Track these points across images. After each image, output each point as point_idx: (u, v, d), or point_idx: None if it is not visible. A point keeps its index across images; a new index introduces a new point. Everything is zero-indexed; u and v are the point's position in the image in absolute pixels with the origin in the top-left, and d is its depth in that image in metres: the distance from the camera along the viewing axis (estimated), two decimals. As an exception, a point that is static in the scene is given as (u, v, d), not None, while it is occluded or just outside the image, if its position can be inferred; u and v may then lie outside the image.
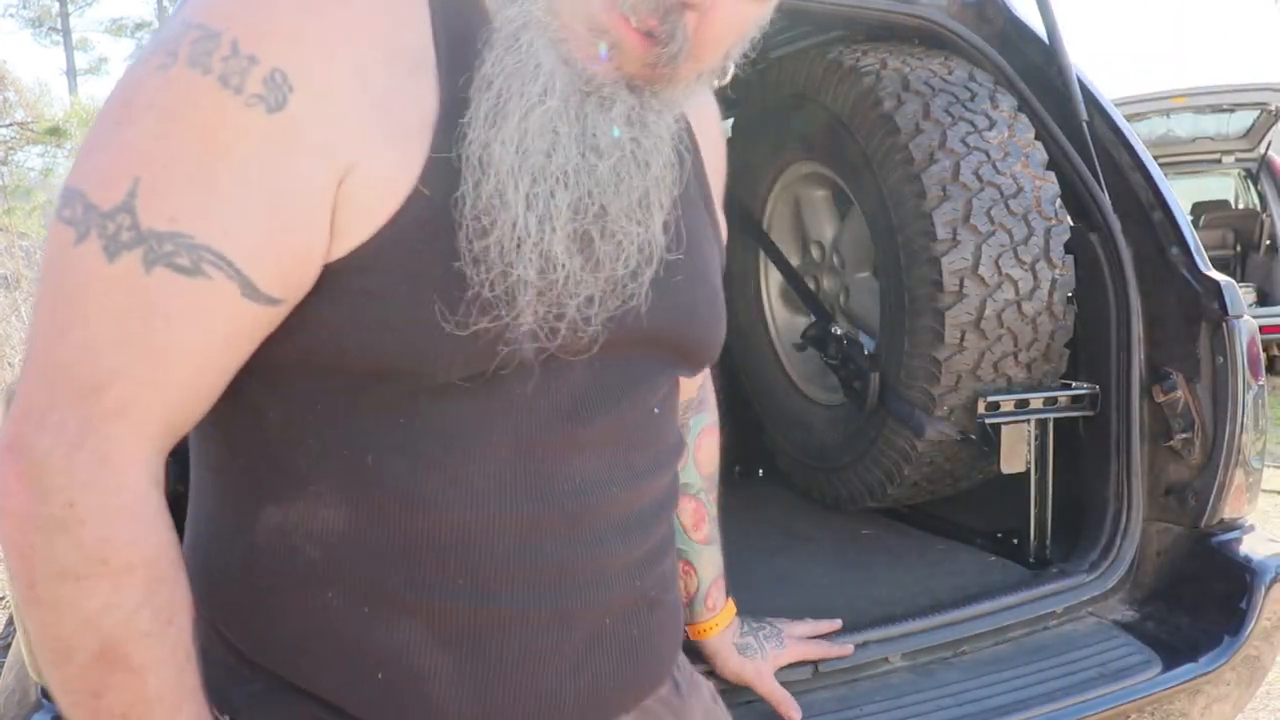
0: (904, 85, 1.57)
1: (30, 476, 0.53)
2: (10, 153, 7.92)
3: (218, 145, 0.53)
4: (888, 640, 1.28)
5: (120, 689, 0.54)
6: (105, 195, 0.53)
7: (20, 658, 1.01)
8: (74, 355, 0.53)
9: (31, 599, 0.53)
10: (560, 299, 0.58)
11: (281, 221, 0.54)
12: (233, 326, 0.55)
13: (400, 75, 0.57)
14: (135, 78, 0.55)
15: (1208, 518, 1.46)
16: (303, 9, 0.55)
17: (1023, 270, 1.50)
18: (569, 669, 0.63)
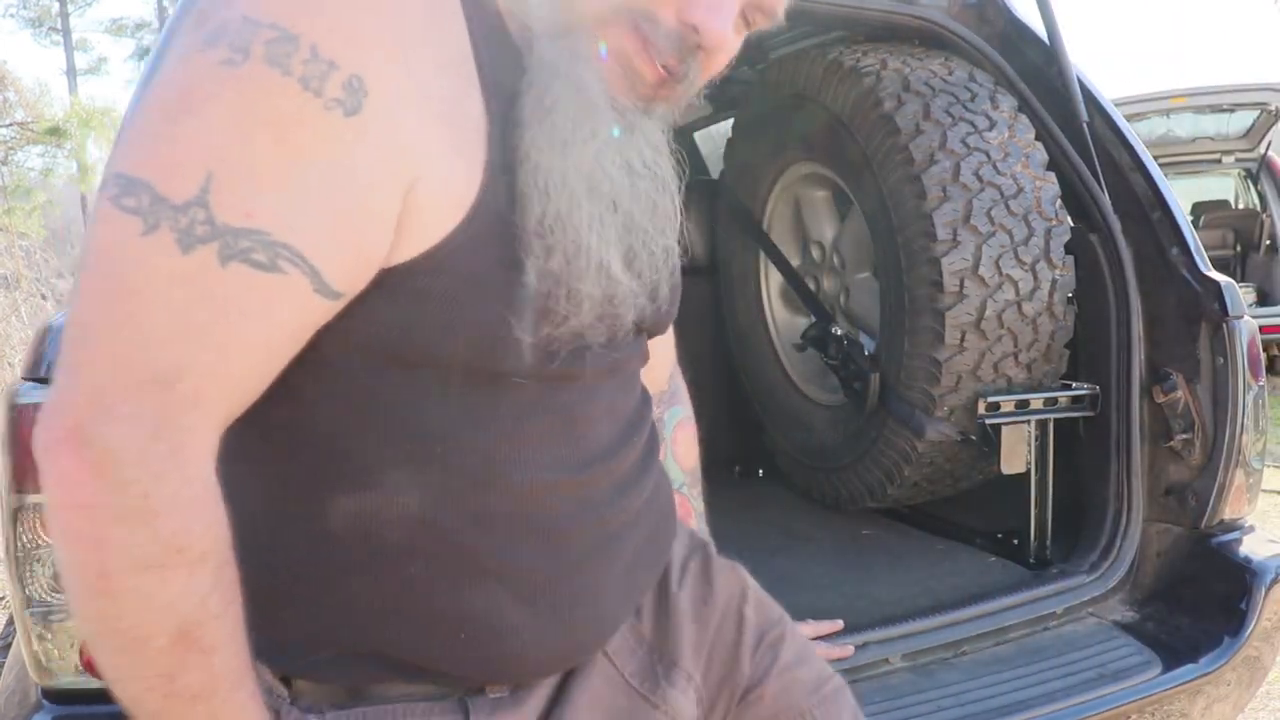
0: (904, 86, 1.57)
1: (102, 467, 0.52)
2: (10, 153, 7.91)
3: (295, 145, 0.54)
4: (888, 641, 1.28)
5: (193, 670, 0.56)
6: (176, 188, 0.53)
7: (20, 658, 1.01)
8: (146, 347, 0.53)
9: (102, 589, 0.54)
10: (618, 309, 0.65)
11: (352, 220, 0.56)
12: (300, 320, 0.57)
13: (455, 84, 0.60)
14: (192, 69, 0.55)
15: (1208, 518, 1.46)
16: (375, 15, 0.56)
17: (1023, 271, 1.50)
18: (619, 596, 0.72)
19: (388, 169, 0.56)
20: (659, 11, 0.63)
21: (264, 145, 0.54)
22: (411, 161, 0.57)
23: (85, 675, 0.97)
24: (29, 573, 0.95)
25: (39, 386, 0.94)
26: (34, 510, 0.94)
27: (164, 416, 0.54)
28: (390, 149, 0.56)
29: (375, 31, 0.56)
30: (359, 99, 0.55)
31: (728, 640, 0.82)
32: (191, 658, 0.56)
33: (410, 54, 0.58)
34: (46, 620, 0.96)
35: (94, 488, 0.53)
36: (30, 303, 6.63)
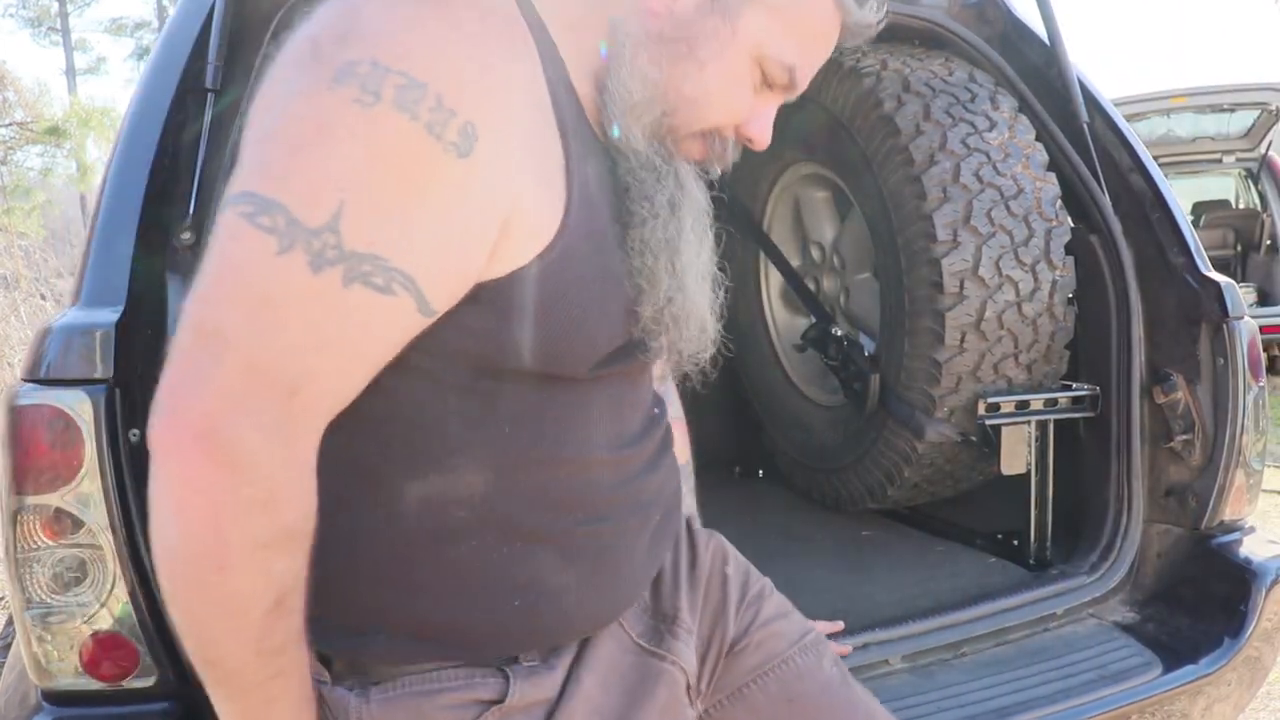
0: (904, 86, 1.56)
1: (234, 465, 0.60)
2: (10, 153, 7.91)
3: (416, 181, 0.62)
4: (888, 642, 1.28)
5: (283, 629, 0.65)
6: (311, 214, 0.60)
7: (20, 660, 1.01)
8: (277, 356, 0.60)
9: (220, 567, 0.61)
10: (685, 336, 0.78)
11: (457, 249, 0.65)
12: (402, 336, 0.65)
13: (541, 127, 0.69)
14: (322, 104, 0.61)
15: (1208, 519, 1.46)
16: (487, 69, 0.65)
17: (1023, 272, 1.50)
18: (646, 561, 0.83)
19: (490, 203, 0.65)
20: (725, 130, 0.79)
21: (390, 180, 0.62)
22: (510, 196, 0.65)
23: (85, 677, 0.97)
24: (29, 574, 0.95)
25: (39, 388, 0.94)
26: (33, 512, 0.94)
27: (289, 419, 0.61)
28: (493, 186, 0.65)
29: (487, 84, 0.65)
30: (471, 143, 0.63)
31: (714, 599, 0.91)
32: (281, 621, 0.65)
33: (512, 103, 0.66)
34: (46, 622, 0.96)
35: (224, 482, 0.60)
36: (30, 302, 6.63)
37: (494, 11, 0.68)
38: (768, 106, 0.80)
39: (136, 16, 24.97)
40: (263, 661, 0.66)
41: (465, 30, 0.66)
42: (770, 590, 0.98)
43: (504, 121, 0.65)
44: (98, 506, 0.94)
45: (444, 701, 0.73)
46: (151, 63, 1.24)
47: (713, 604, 0.92)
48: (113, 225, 1.05)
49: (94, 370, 0.94)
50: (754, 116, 0.80)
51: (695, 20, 0.76)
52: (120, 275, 1.01)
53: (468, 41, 0.66)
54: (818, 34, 0.81)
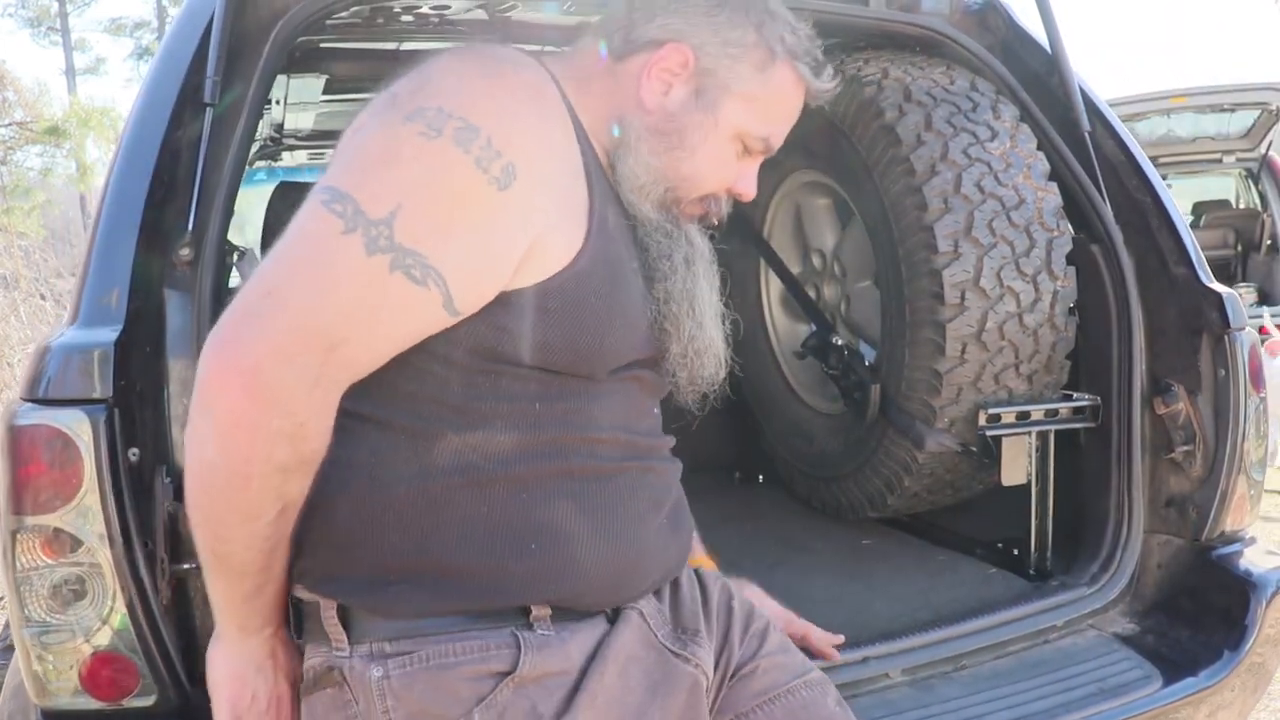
0: (906, 95, 1.56)
1: (271, 401, 0.75)
2: (9, 152, 7.91)
3: (461, 201, 0.79)
4: (888, 656, 1.28)
5: (280, 532, 0.81)
6: (374, 208, 0.76)
7: (20, 679, 1.01)
8: (326, 317, 0.76)
9: (243, 485, 0.77)
10: (705, 366, 0.95)
11: (486, 261, 0.81)
12: (425, 326, 0.80)
13: (570, 177, 0.87)
14: (396, 135, 0.80)
15: (1209, 530, 1.46)
16: (529, 126, 0.84)
17: (1024, 282, 1.49)
18: (658, 544, 0.93)
19: (520, 230, 0.81)
20: (719, 193, 0.98)
21: (441, 196, 0.79)
22: (537, 226, 0.82)
23: (85, 696, 0.97)
24: (28, 593, 0.95)
25: (38, 408, 0.94)
26: (32, 532, 0.93)
27: (323, 372, 0.76)
28: (524, 216, 0.81)
29: (530, 138, 0.83)
30: (510, 179, 0.80)
31: (721, 625, 0.99)
32: (282, 526, 0.81)
33: (548, 155, 0.85)
34: (45, 641, 0.96)
35: (261, 416, 0.75)
36: (29, 302, 6.62)
37: (539, 86, 0.88)
38: (751, 167, 0.99)
39: (136, 16, 24.91)
40: (261, 557, 0.82)
41: (517, 95, 0.85)
42: (773, 629, 1.03)
43: (540, 167, 0.83)
44: (97, 526, 0.94)
45: (461, 674, 0.79)
46: (151, 75, 1.24)
47: (720, 629, 0.99)
48: (111, 242, 1.05)
49: (93, 390, 0.94)
50: (740, 177, 0.98)
51: (682, 114, 0.93)
52: (119, 293, 1.01)
53: (517, 104, 0.85)
54: (787, 107, 0.98)
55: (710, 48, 0.93)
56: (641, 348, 0.91)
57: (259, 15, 1.28)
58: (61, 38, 21.41)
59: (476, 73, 0.85)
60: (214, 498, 0.79)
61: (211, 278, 1.08)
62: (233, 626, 0.87)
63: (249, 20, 1.27)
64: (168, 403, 1.03)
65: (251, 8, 1.27)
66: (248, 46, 1.23)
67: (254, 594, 0.84)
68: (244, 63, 1.21)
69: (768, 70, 0.94)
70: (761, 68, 0.94)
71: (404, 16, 1.60)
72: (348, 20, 1.57)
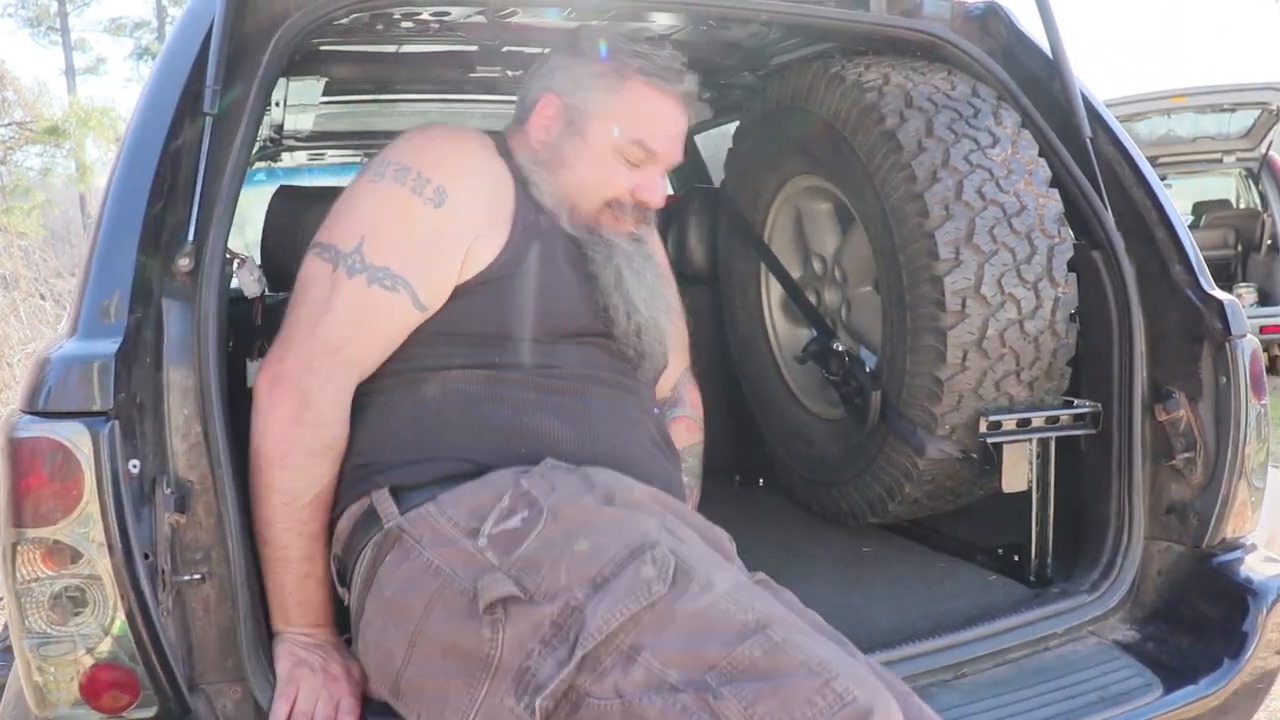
0: (907, 101, 1.55)
1: (299, 398, 1.05)
2: (9, 152, 7.90)
3: (407, 221, 1.11)
4: (888, 664, 1.27)
5: (318, 522, 1.07)
6: (346, 244, 1.10)
7: (20, 690, 1.01)
8: (329, 329, 1.07)
9: (282, 465, 1.04)
10: (649, 341, 1.24)
11: (438, 264, 1.12)
12: (403, 322, 1.11)
13: (497, 192, 1.18)
14: (353, 187, 1.17)
15: (1209, 537, 1.46)
16: (452, 159, 1.17)
17: (1025, 289, 1.49)
18: (647, 453, 1.17)
19: (459, 236, 1.12)
20: (623, 198, 1.24)
21: (392, 220, 1.11)
22: (471, 231, 1.13)
23: (85, 708, 0.97)
24: (28, 605, 0.95)
25: (38, 420, 0.93)
26: (32, 544, 0.93)
27: (335, 371, 1.07)
28: (460, 225, 1.13)
29: (453, 165, 1.16)
30: (443, 198, 1.12)
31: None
32: (318, 512, 1.07)
33: (471, 177, 1.16)
34: (45, 652, 0.96)
35: (294, 411, 1.05)
36: (29, 302, 6.61)
37: (470, 134, 1.23)
38: (649, 176, 1.24)
39: (136, 16, 24.84)
40: (303, 543, 1.04)
41: (445, 138, 1.20)
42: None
43: (466, 187, 1.14)
44: (97, 538, 0.94)
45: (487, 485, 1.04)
46: (151, 80, 1.23)
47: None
48: (111, 252, 1.05)
49: (93, 402, 0.94)
50: (639, 185, 1.23)
51: (559, 143, 1.22)
52: (119, 304, 1.00)
53: (445, 144, 1.19)
54: (652, 113, 1.21)
55: (569, 88, 1.23)
56: (586, 322, 1.17)
57: (258, 21, 1.27)
58: (61, 37, 21.37)
59: (417, 134, 1.19)
60: (260, 480, 1.04)
61: (212, 287, 1.07)
62: (281, 620, 1.07)
63: (249, 26, 1.27)
64: (168, 414, 1.03)
65: (251, 13, 1.27)
66: (247, 52, 1.23)
67: (298, 585, 1.06)
68: (244, 69, 1.21)
69: (619, 90, 1.21)
70: (613, 90, 1.21)
71: (404, 22, 1.60)
72: (348, 25, 1.56)
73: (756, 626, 0.85)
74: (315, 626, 1.08)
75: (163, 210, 1.10)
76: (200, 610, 1.04)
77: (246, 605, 1.05)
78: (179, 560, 1.02)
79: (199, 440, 1.04)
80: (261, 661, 1.05)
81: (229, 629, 1.05)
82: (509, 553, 0.92)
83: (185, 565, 1.03)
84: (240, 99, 1.18)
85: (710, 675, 0.81)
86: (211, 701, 1.04)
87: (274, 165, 3.24)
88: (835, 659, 0.83)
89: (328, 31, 1.53)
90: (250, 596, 1.05)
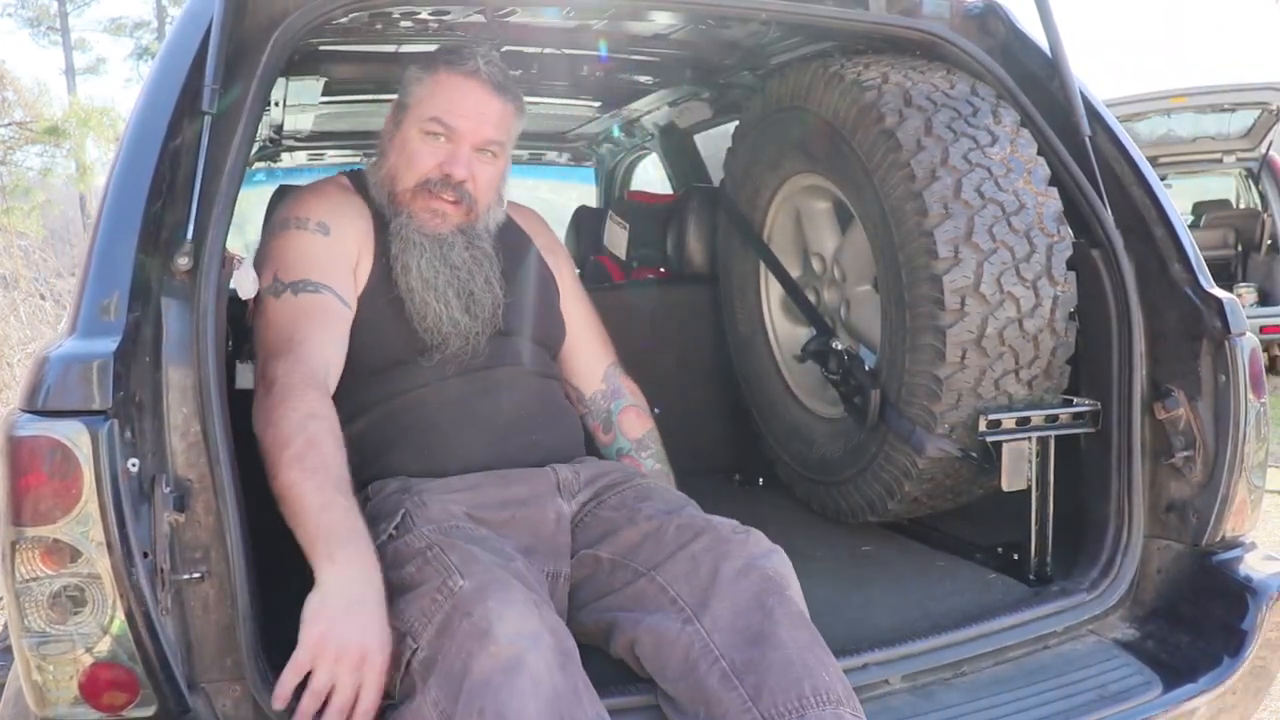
0: (906, 100, 1.55)
1: (271, 385, 1.20)
2: (9, 152, 7.90)
3: (305, 248, 1.38)
4: (888, 662, 1.28)
5: (317, 467, 1.13)
6: (266, 279, 1.33)
7: (19, 689, 1.01)
8: (278, 336, 1.28)
9: (270, 421, 1.15)
10: (465, 334, 1.41)
11: (342, 273, 1.38)
12: (337, 316, 1.34)
13: (360, 221, 1.45)
14: (263, 246, 1.43)
15: (1209, 536, 1.46)
16: (318, 204, 1.43)
17: (1024, 288, 1.49)
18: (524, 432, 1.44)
19: (345, 254, 1.40)
20: (433, 175, 1.41)
21: (293, 250, 1.37)
22: (352, 253, 1.41)
23: (84, 706, 0.97)
24: (27, 604, 0.95)
25: (37, 419, 0.93)
26: (31, 543, 0.93)
27: (294, 360, 1.23)
28: (344, 247, 1.41)
29: (324, 208, 1.43)
30: (327, 229, 1.40)
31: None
32: (311, 455, 1.14)
33: (342, 218, 1.43)
34: (44, 651, 0.96)
35: (271, 392, 1.19)
36: (29, 302, 6.61)
37: (332, 184, 1.52)
38: (453, 152, 1.40)
39: (136, 16, 24.81)
40: (314, 489, 1.09)
41: (320, 192, 1.48)
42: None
43: (343, 221, 1.42)
44: (96, 537, 0.94)
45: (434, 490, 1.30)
46: (150, 80, 1.23)
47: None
48: (110, 251, 1.05)
49: (92, 401, 0.94)
50: (444, 161, 1.40)
51: (384, 141, 1.47)
52: (118, 303, 1.00)
53: (319, 195, 1.46)
54: (449, 93, 1.40)
55: (400, 95, 1.46)
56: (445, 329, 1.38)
57: (257, 21, 1.28)
58: (61, 37, 21.37)
59: (290, 199, 1.46)
60: (263, 441, 1.14)
61: (211, 286, 1.07)
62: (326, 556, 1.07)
63: (248, 25, 1.27)
64: (167, 413, 1.03)
65: (250, 13, 1.27)
66: (247, 52, 1.23)
67: (328, 534, 1.06)
68: (243, 68, 1.21)
69: (425, 81, 1.42)
70: (421, 81, 1.43)
71: (403, 22, 1.60)
72: (347, 25, 1.56)
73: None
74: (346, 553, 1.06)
75: (162, 209, 1.10)
76: (199, 609, 1.04)
77: (245, 604, 1.05)
78: (178, 559, 1.02)
79: (198, 439, 1.04)
80: (261, 660, 1.05)
81: (228, 628, 1.05)
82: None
83: (184, 564, 1.03)
84: (239, 98, 1.19)
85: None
86: (211, 700, 1.04)
87: (274, 165, 3.24)
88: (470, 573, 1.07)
89: (327, 31, 1.54)
90: (249, 595, 1.05)
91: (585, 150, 3.39)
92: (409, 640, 1.04)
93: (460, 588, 1.04)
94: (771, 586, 1.13)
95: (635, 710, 1.14)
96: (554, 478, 1.36)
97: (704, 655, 1.08)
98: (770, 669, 1.04)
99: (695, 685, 1.07)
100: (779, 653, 1.05)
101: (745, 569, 1.15)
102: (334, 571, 1.02)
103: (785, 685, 1.02)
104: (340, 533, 1.05)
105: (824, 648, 1.10)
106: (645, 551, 1.23)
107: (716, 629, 1.09)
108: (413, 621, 1.04)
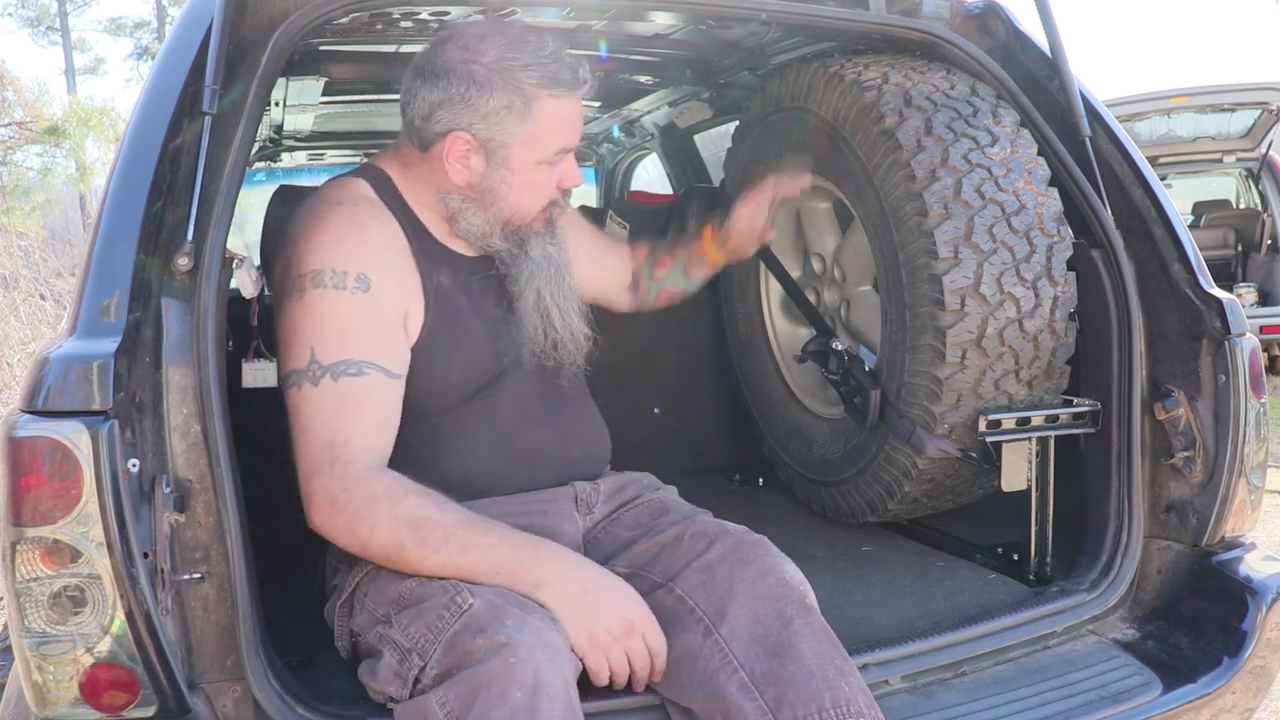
0: (906, 100, 1.56)
1: (333, 502, 1.12)
2: (9, 152, 7.90)
3: (343, 314, 1.18)
4: (888, 662, 1.28)
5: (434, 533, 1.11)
6: (299, 361, 1.16)
7: (19, 689, 1.01)
8: (326, 439, 1.14)
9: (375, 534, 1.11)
10: (570, 352, 1.36)
11: (389, 337, 1.21)
12: (385, 396, 1.19)
13: (403, 261, 1.25)
14: (287, 309, 1.19)
15: (1209, 536, 1.46)
16: (353, 247, 1.20)
17: (1024, 288, 1.49)
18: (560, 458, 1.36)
19: (392, 310, 1.22)
20: (555, 195, 1.31)
21: (329, 320, 1.17)
22: (400, 305, 1.23)
23: (84, 706, 0.97)
24: (28, 603, 0.95)
25: (37, 419, 0.93)
26: (32, 543, 0.93)
27: (339, 462, 1.12)
28: (390, 301, 1.21)
29: (361, 253, 1.20)
30: (368, 283, 1.19)
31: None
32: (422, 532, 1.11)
33: (384, 262, 1.22)
34: (44, 651, 0.96)
35: (340, 518, 1.12)
36: (29, 302, 6.61)
37: (360, 207, 1.24)
38: (567, 166, 1.29)
39: (136, 16, 24.85)
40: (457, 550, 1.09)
41: (344, 227, 1.21)
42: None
43: (383, 271, 1.20)
44: (97, 537, 0.94)
45: None
46: (151, 80, 1.23)
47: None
48: (110, 251, 1.05)
49: (92, 401, 0.94)
50: (562, 179, 1.29)
51: (485, 179, 1.25)
52: (118, 303, 1.00)
53: (352, 228, 1.21)
54: (561, 121, 1.24)
55: (478, 123, 1.21)
56: (503, 362, 1.29)
57: (257, 21, 1.28)
58: (61, 37, 21.37)
59: (311, 231, 1.21)
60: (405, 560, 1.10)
61: (211, 286, 1.07)
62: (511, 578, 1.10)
63: (248, 26, 1.27)
64: (167, 413, 1.03)
65: (250, 14, 1.27)
66: (247, 52, 1.23)
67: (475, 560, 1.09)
68: (243, 69, 1.21)
69: (530, 112, 1.22)
70: (523, 114, 1.21)
71: (403, 22, 1.60)
72: (347, 25, 1.56)
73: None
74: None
75: (162, 209, 1.10)
76: (199, 609, 1.04)
77: (246, 604, 1.05)
78: (178, 559, 1.02)
79: (198, 439, 1.04)
80: (261, 660, 1.05)
81: (228, 628, 1.05)
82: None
83: (184, 564, 1.03)
84: (239, 99, 1.18)
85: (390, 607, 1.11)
86: (211, 701, 1.04)
87: (274, 165, 3.24)
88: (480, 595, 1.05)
89: (327, 31, 1.54)
90: (249, 595, 1.05)
91: (585, 150, 3.39)
92: (415, 657, 1.03)
93: (470, 605, 1.03)
94: (789, 594, 1.13)
95: (635, 710, 1.13)
96: (572, 493, 1.34)
97: (723, 665, 1.08)
98: (790, 681, 1.04)
99: (714, 694, 1.07)
100: (799, 664, 1.05)
101: (761, 575, 1.14)
102: (551, 585, 1.08)
103: (805, 698, 1.03)
104: (518, 553, 1.10)
105: (844, 656, 1.10)
106: (662, 562, 1.21)
107: (735, 638, 1.09)
108: (418, 637, 1.03)
